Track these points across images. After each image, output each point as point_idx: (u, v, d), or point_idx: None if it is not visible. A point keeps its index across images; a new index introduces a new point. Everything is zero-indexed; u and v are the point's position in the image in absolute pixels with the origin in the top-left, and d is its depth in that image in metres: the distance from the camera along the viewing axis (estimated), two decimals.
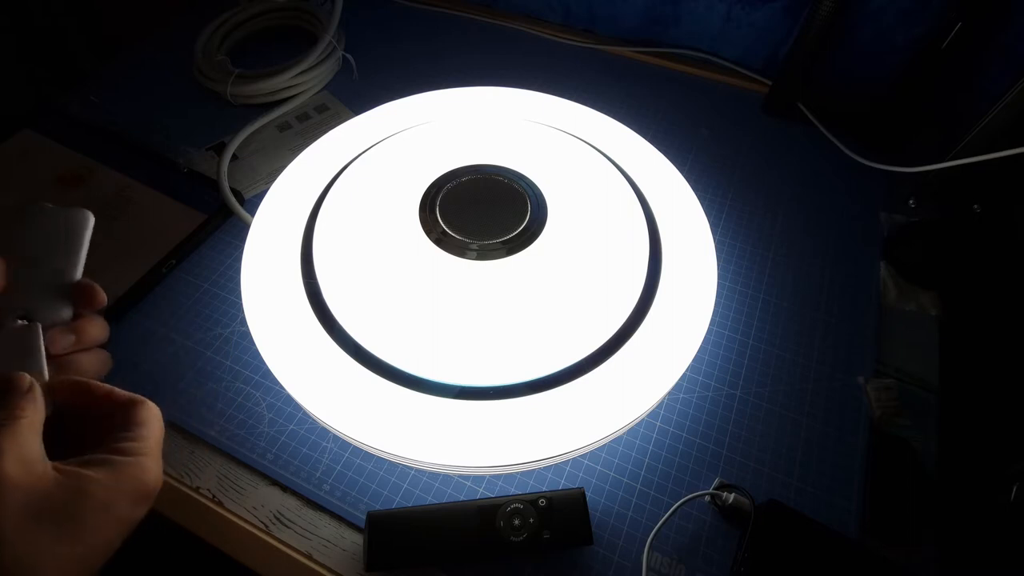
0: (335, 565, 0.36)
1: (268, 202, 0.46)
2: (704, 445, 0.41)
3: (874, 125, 0.58)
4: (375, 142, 0.49)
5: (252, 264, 0.42)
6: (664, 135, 0.59)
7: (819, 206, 0.54)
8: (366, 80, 0.64)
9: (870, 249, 0.51)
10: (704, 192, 0.54)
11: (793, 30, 0.60)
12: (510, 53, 0.68)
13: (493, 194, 0.45)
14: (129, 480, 0.24)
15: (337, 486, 0.39)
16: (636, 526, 0.37)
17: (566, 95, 0.54)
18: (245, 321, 0.39)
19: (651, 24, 0.67)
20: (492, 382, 0.37)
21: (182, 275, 0.48)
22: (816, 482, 0.39)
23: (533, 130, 0.50)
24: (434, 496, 0.38)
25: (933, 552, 0.37)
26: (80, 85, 0.62)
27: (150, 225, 0.50)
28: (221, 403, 0.42)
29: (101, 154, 0.54)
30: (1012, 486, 0.38)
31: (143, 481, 0.24)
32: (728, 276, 0.49)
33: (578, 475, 0.39)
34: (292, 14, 0.67)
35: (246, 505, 0.38)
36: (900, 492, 0.39)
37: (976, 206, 0.50)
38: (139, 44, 0.68)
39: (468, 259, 0.42)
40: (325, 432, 0.40)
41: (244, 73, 0.59)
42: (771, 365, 0.44)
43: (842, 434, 0.41)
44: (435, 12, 0.73)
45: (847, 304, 0.47)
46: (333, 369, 0.37)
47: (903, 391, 0.43)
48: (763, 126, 0.61)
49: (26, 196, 0.51)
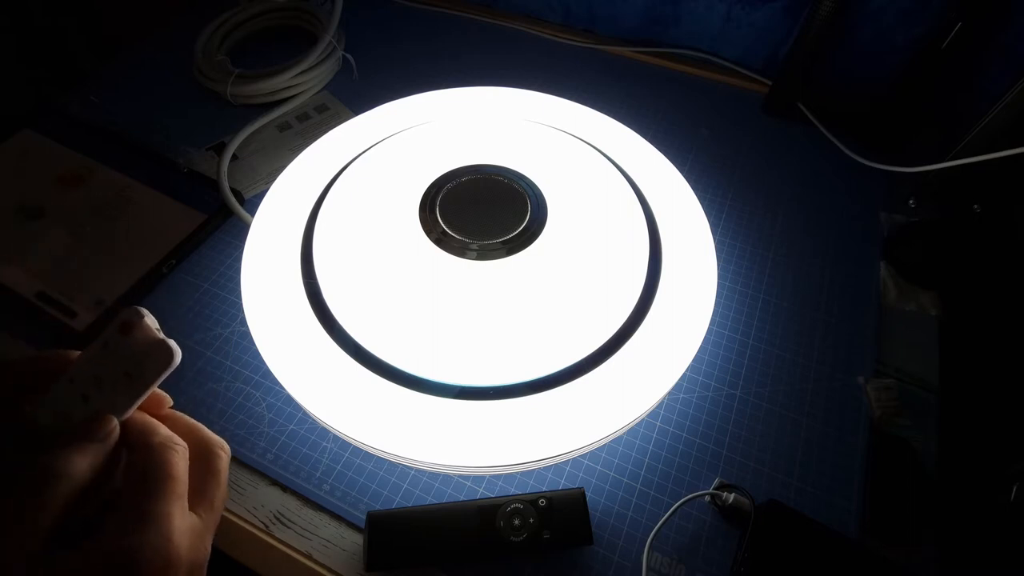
0: (335, 565, 0.36)
1: (268, 202, 0.46)
2: (704, 445, 0.41)
3: (874, 125, 0.58)
4: (375, 142, 0.49)
5: (252, 264, 0.42)
6: (664, 135, 0.59)
7: (819, 206, 0.54)
8: (366, 80, 0.64)
9: (870, 249, 0.51)
10: (704, 192, 0.54)
11: (793, 30, 0.60)
12: (510, 53, 0.68)
13: (493, 194, 0.45)
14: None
15: (337, 486, 0.39)
16: (636, 526, 0.37)
17: (566, 95, 0.54)
18: (245, 321, 0.39)
19: (651, 24, 0.67)
20: (492, 382, 0.37)
21: (182, 275, 0.48)
22: (816, 482, 0.39)
23: (533, 130, 0.50)
24: (434, 496, 0.38)
25: (933, 552, 0.37)
26: (80, 85, 0.62)
27: (150, 225, 0.50)
28: (221, 403, 0.42)
29: (101, 154, 0.54)
30: (1012, 486, 0.38)
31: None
32: (728, 276, 0.49)
33: (578, 475, 0.39)
34: (292, 14, 0.67)
35: (246, 505, 0.38)
36: (900, 492, 0.39)
37: (976, 206, 0.50)
38: (139, 44, 0.68)
39: (468, 259, 0.42)
40: (325, 432, 0.40)
41: (244, 73, 0.59)
42: (771, 365, 0.44)
43: (842, 434, 0.41)
44: (435, 12, 0.73)
45: (847, 304, 0.47)
46: (333, 369, 0.37)
47: (903, 391, 0.43)
48: (763, 126, 0.61)
49: (26, 196, 0.51)
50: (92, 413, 0.23)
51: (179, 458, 0.23)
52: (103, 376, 0.23)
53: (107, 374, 0.23)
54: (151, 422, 0.24)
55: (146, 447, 0.23)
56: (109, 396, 0.23)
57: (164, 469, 0.22)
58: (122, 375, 0.23)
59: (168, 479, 0.22)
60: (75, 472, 0.21)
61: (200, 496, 0.23)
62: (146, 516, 0.21)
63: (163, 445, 0.23)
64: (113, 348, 0.23)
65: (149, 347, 0.23)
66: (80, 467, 0.21)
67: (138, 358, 0.23)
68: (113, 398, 0.23)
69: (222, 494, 0.24)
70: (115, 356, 0.23)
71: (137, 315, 0.23)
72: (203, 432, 0.25)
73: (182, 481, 0.22)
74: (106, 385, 0.23)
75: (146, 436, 0.23)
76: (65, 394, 0.23)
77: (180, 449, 0.23)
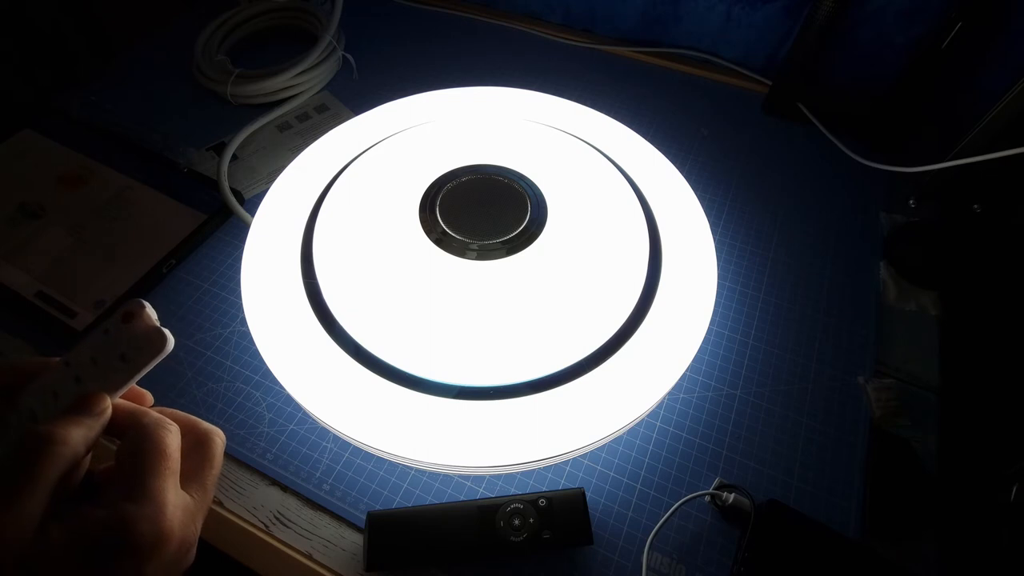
0: (335, 565, 0.36)
1: (268, 202, 0.46)
2: (704, 445, 0.41)
3: (874, 125, 0.58)
4: (375, 142, 0.49)
5: (252, 264, 0.42)
6: (664, 135, 0.59)
7: (819, 206, 0.54)
8: (366, 80, 0.64)
9: (870, 249, 0.51)
10: (704, 192, 0.54)
11: (793, 30, 0.60)
12: (510, 53, 0.68)
13: (493, 194, 0.45)
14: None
15: (337, 486, 0.39)
16: (636, 526, 0.37)
17: (566, 95, 0.54)
18: (245, 321, 0.39)
19: (651, 24, 0.67)
20: (492, 382, 0.37)
21: (182, 275, 0.48)
22: (816, 482, 0.39)
23: (533, 130, 0.50)
24: (434, 496, 0.38)
25: (933, 552, 0.37)
26: (80, 85, 0.62)
27: (150, 225, 0.50)
28: (221, 403, 0.42)
29: (101, 154, 0.54)
30: (1012, 486, 0.38)
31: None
32: (728, 276, 0.49)
33: (578, 475, 0.39)
34: (292, 14, 0.67)
35: (246, 505, 0.38)
36: (900, 492, 0.39)
37: (976, 206, 0.50)
38: (139, 44, 0.68)
39: (468, 259, 0.42)
40: (325, 432, 0.40)
41: (244, 73, 0.59)
42: (771, 365, 0.44)
43: (842, 434, 0.41)
44: (435, 12, 0.73)
45: (847, 304, 0.47)
46: (333, 369, 0.37)
47: (903, 391, 0.43)
48: (763, 126, 0.61)
49: (26, 196, 0.51)
50: (84, 391, 0.24)
51: (171, 436, 0.23)
52: (98, 358, 0.24)
53: (103, 356, 0.24)
54: (141, 408, 0.25)
55: (138, 427, 0.23)
56: (102, 377, 0.24)
57: (157, 446, 0.22)
58: (117, 358, 0.24)
59: (161, 455, 0.22)
60: (70, 441, 0.21)
61: (193, 477, 0.24)
62: (141, 490, 0.21)
63: (155, 424, 0.23)
64: (113, 334, 0.25)
65: (146, 333, 0.25)
66: (75, 437, 0.21)
67: (135, 343, 0.24)
68: (106, 378, 0.24)
69: (214, 478, 0.25)
70: (113, 341, 0.24)
71: (139, 305, 0.25)
72: (197, 420, 0.26)
73: (174, 459, 0.23)
74: (100, 366, 0.24)
75: (137, 417, 0.24)
76: (59, 376, 0.24)
77: (172, 428, 0.24)
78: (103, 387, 0.24)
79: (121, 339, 0.24)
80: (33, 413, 0.24)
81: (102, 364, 0.24)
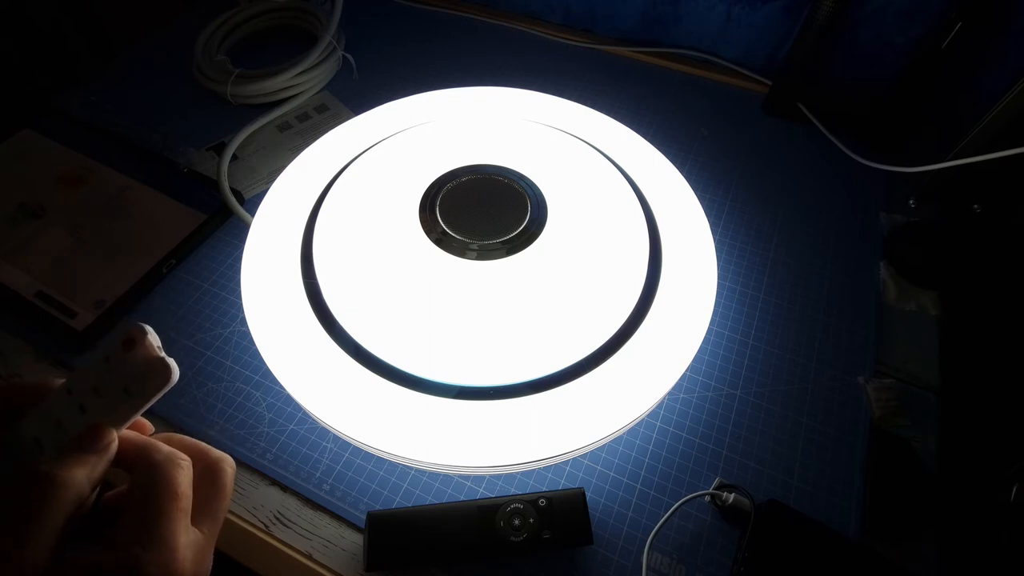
0: (335, 565, 0.36)
1: (268, 202, 0.46)
2: (704, 445, 0.41)
3: (874, 125, 0.58)
4: (375, 142, 0.49)
5: (252, 264, 0.42)
6: (664, 135, 0.59)
7: (819, 206, 0.54)
8: (366, 80, 0.64)
9: (870, 249, 0.51)
10: (704, 192, 0.54)
11: (793, 30, 0.60)
12: (510, 53, 0.68)
13: (493, 194, 0.45)
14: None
15: (337, 486, 0.39)
16: (636, 526, 0.37)
17: (566, 95, 0.54)
18: (245, 321, 0.39)
19: (651, 24, 0.67)
20: (492, 382, 0.37)
21: (182, 275, 0.48)
22: (816, 482, 0.39)
23: (533, 130, 0.50)
24: (434, 496, 0.38)
25: (933, 552, 0.37)
26: (80, 85, 0.62)
27: (150, 225, 0.50)
28: (221, 403, 0.42)
29: (101, 154, 0.54)
30: (1012, 486, 0.38)
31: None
32: (728, 276, 0.49)
33: (578, 475, 0.39)
34: (292, 14, 0.67)
35: (246, 505, 0.38)
36: (900, 492, 0.39)
37: (976, 206, 0.50)
38: (139, 44, 0.68)
39: (468, 259, 0.42)
40: (325, 432, 0.40)
41: (244, 73, 0.59)
42: (771, 365, 0.44)
43: (842, 434, 0.41)
44: (435, 12, 0.73)
45: (847, 304, 0.47)
46: (333, 369, 0.37)
47: (903, 391, 0.43)
48: (763, 126, 0.61)
49: (26, 196, 0.51)
50: (88, 424, 0.23)
51: (184, 475, 0.23)
52: (101, 388, 0.23)
53: (106, 387, 0.23)
54: (152, 441, 0.24)
55: (150, 464, 0.23)
56: (106, 408, 0.23)
57: (170, 487, 0.22)
58: (120, 390, 0.23)
59: (173, 496, 0.22)
60: (74, 483, 0.21)
61: (204, 511, 0.24)
62: (153, 534, 0.21)
63: (168, 461, 0.23)
64: (114, 363, 0.24)
65: (149, 364, 0.23)
66: (79, 478, 0.21)
67: (138, 374, 0.23)
68: (110, 411, 0.23)
69: (226, 508, 0.24)
70: (116, 370, 0.23)
71: (140, 332, 0.24)
72: (207, 449, 0.25)
73: (187, 497, 0.23)
74: (104, 396, 0.23)
75: (149, 453, 0.23)
76: (61, 403, 0.23)
77: (185, 465, 0.23)
78: (107, 418, 0.23)
79: (124, 369, 0.23)
80: (38, 442, 0.23)
81: (105, 394, 0.23)
